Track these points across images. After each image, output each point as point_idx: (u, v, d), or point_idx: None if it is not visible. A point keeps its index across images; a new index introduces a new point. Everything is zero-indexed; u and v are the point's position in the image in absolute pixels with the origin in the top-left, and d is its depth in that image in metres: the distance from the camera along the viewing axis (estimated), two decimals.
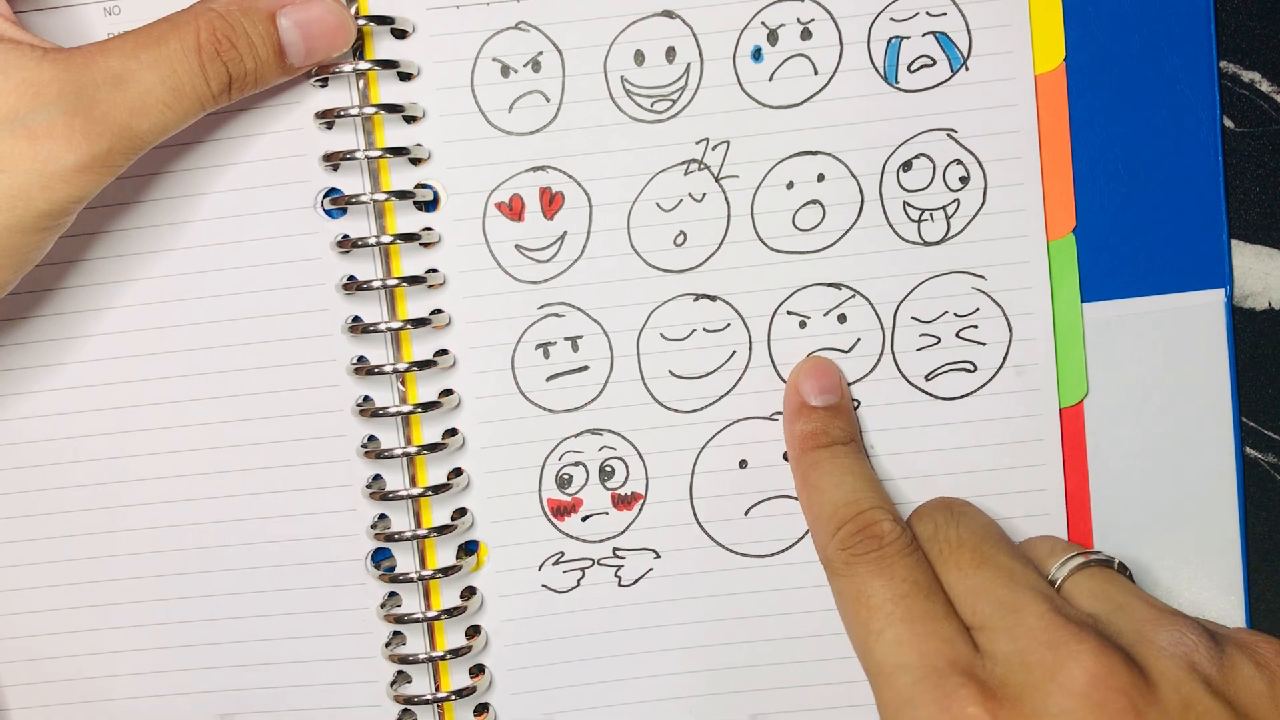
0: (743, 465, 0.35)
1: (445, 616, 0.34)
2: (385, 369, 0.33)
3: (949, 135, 0.33)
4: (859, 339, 0.34)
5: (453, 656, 0.34)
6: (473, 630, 0.35)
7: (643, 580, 0.35)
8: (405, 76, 0.33)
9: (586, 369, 0.34)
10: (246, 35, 0.30)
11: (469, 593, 0.35)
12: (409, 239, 0.33)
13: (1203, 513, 0.35)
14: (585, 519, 0.35)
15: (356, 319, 0.34)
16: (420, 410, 0.33)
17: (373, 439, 0.34)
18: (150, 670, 0.35)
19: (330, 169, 0.33)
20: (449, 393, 0.34)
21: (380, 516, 0.35)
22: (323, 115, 0.33)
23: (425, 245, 0.33)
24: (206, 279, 0.34)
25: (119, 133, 0.29)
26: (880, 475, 0.34)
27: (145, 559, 0.35)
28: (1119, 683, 0.27)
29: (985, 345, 0.34)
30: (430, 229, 0.33)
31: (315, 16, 0.31)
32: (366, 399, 0.34)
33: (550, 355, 0.34)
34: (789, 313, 0.34)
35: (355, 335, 0.33)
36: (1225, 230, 0.34)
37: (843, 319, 0.34)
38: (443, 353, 0.34)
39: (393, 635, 0.35)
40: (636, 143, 0.33)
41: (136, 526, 0.35)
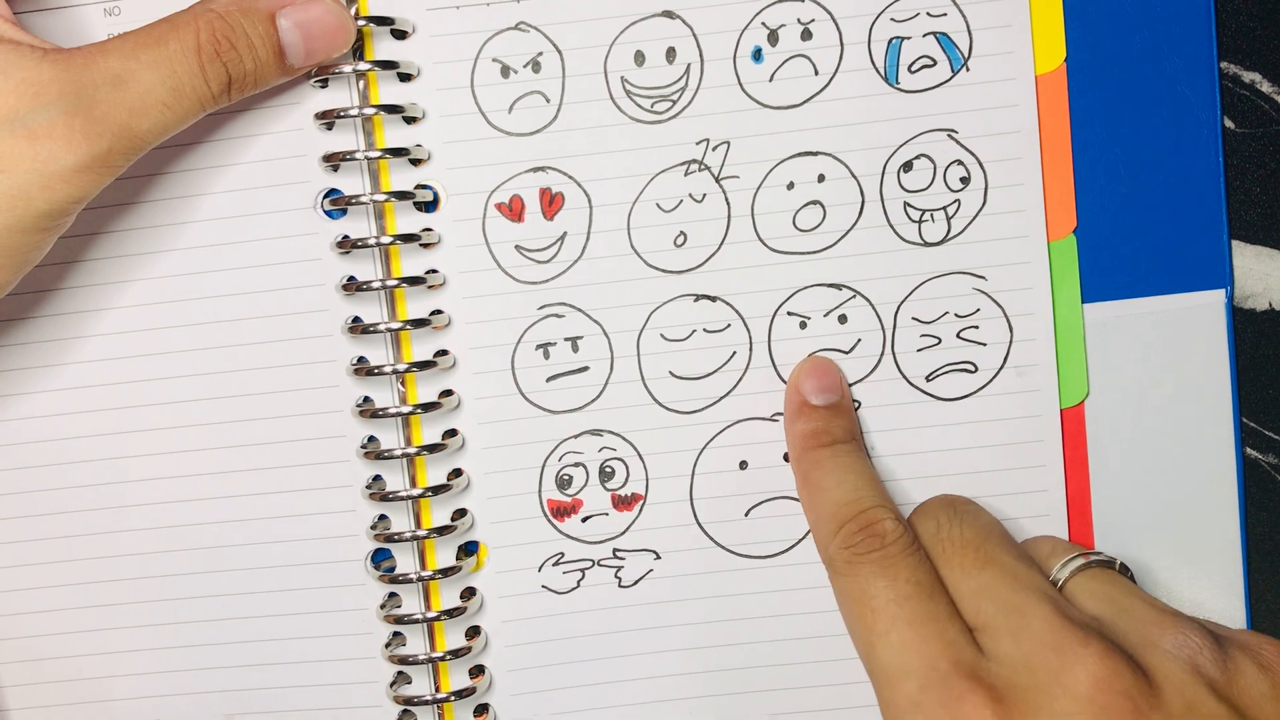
0: (743, 466, 0.35)
1: (445, 617, 0.34)
2: (385, 369, 0.33)
3: (950, 136, 0.33)
4: (859, 340, 0.34)
5: (452, 657, 0.34)
6: (472, 631, 0.35)
7: (643, 581, 0.35)
8: (405, 77, 0.33)
9: (586, 370, 0.34)
10: (246, 36, 0.30)
11: (469, 593, 0.35)
12: (409, 239, 0.33)
13: (1203, 513, 0.35)
14: (585, 520, 0.35)
15: (356, 319, 0.34)
16: (420, 411, 0.33)
17: (373, 439, 0.34)
18: (150, 670, 0.35)
19: (330, 169, 0.33)
20: (449, 393, 0.34)
21: (380, 517, 0.35)
22: (323, 116, 0.33)
23: (425, 246, 0.33)
24: (206, 279, 0.34)
25: (119, 133, 0.29)
26: (881, 476, 0.34)
27: (145, 559, 0.35)
28: (1123, 686, 0.27)
29: (986, 346, 0.34)
30: (430, 229, 0.33)
31: (315, 17, 0.31)
32: (366, 399, 0.34)
33: (550, 356, 0.34)
34: (789, 313, 0.34)
35: (355, 336, 0.33)
36: (1225, 231, 0.34)
37: (843, 320, 0.34)
38: (443, 353, 0.34)
39: (393, 636, 0.35)
40: (636, 143, 0.33)
41: (137, 527, 0.35)
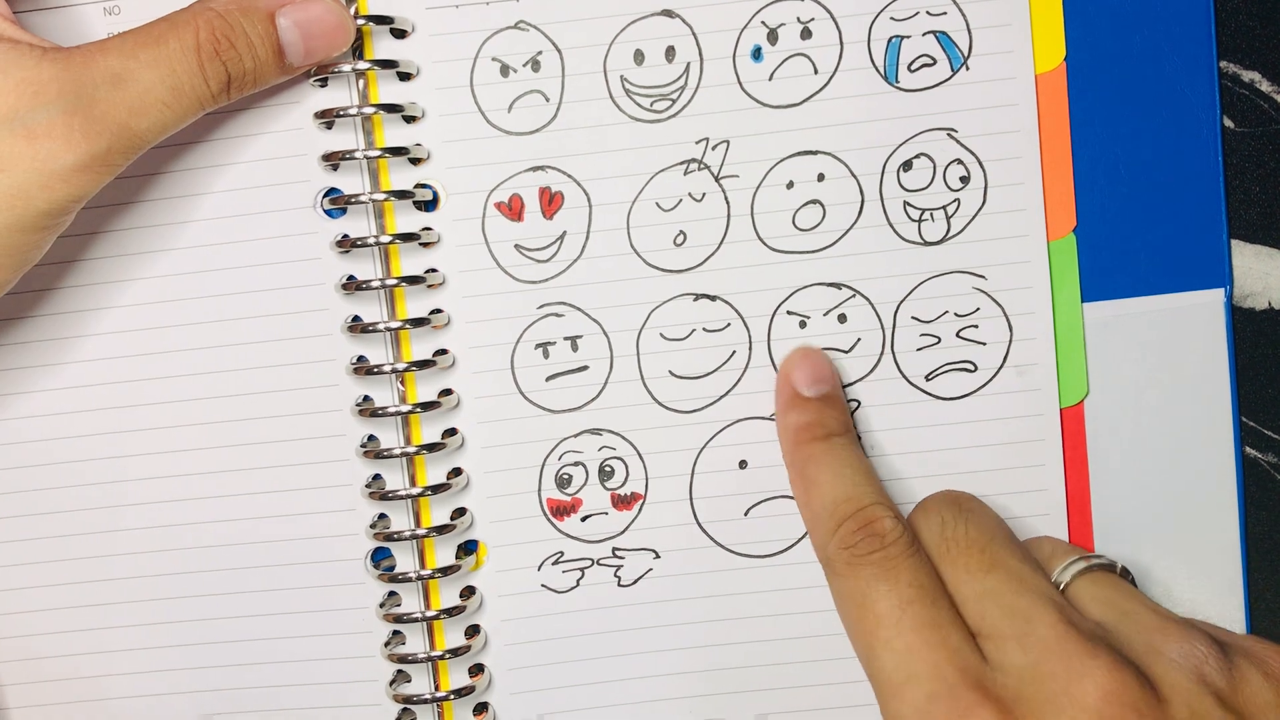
0: (742, 465, 0.35)
1: (444, 616, 0.34)
2: (385, 369, 0.33)
3: (949, 135, 0.33)
4: (859, 339, 0.34)
5: (452, 656, 0.34)
6: (472, 630, 0.35)
7: (642, 580, 0.35)
8: (405, 76, 0.33)
9: (586, 369, 0.34)
10: (245, 35, 0.30)
11: (468, 592, 0.35)
12: (408, 239, 0.33)
13: (1203, 512, 0.35)
14: (585, 519, 0.35)
15: (356, 319, 0.34)
16: (420, 410, 0.33)
17: (372, 439, 0.34)
18: (149, 670, 0.35)
19: (330, 169, 0.33)
20: (448, 392, 0.34)
21: (380, 516, 0.35)
22: (322, 115, 0.33)
23: (425, 245, 0.33)
24: (206, 279, 0.34)
25: (118, 132, 0.29)
26: (881, 475, 0.34)
27: (144, 558, 0.35)
28: (1131, 699, 0.27)
29: (986, 345, 0.34)
30: (430, 229, 0.33)
31: (314, 16, 0.31)
32: (366, 399, 0.34)
33: (550, 355, 0.34)
34: (789, 312, 0.34)
35: (355, 335, 0.33)
36: (1225, 230, 0.34)
37: (843, 319, 0.34)
38: (442, 352, 0.34)
39: (392, 635, 0.35)
40: (636, 142, 0.33)
41: (136, 526, 0.35)
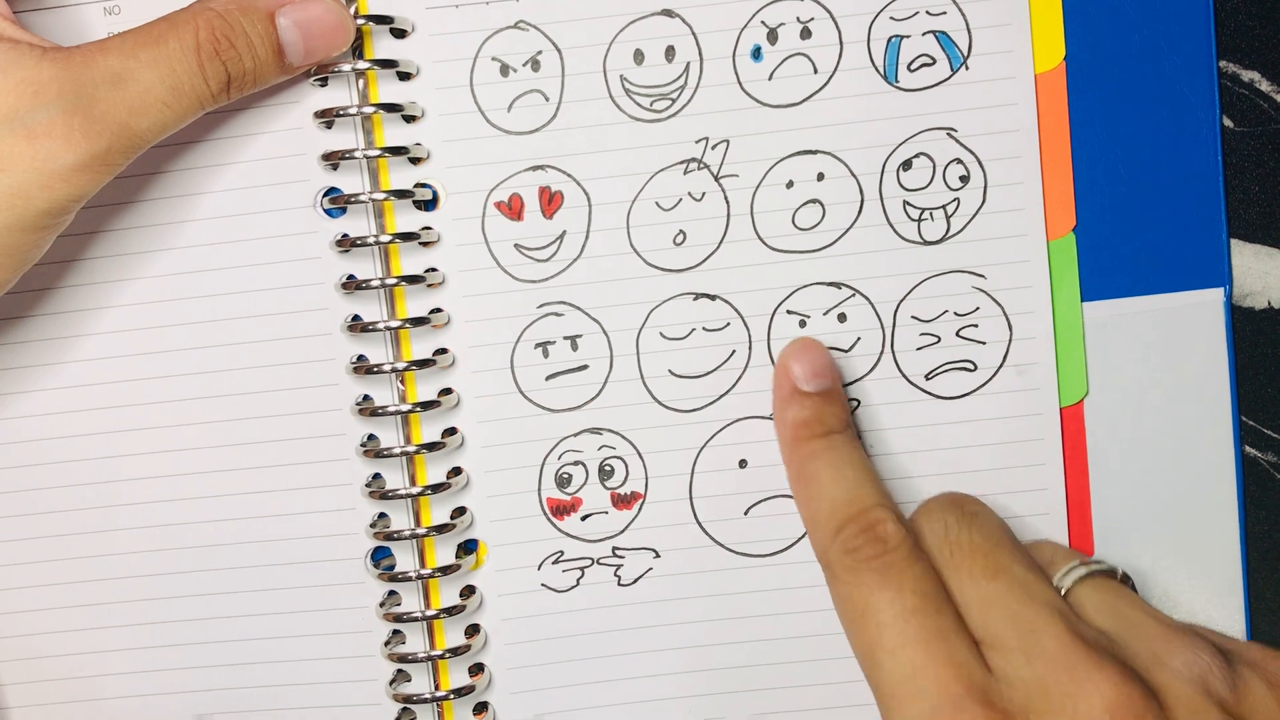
0: (742, 465, 0.35)
1: (444, 615, 0.34)
2: (384, 368, 0.33)
3: (949, 134, 0.33)
4: (859, 338, 0.34)
5: (452, 655, 0.34)
6: (472, 629, 0.35)
7: (642, 580, 0.35)
8: (404, 76, 0.33)
9: (586, 368, 0.34)
10: (245, 35, 0.30)
11: (468, 591, 0.35)
12: (408, 238, 0.33)
13: (1202, 512, 0.35)
14: (585, 518, 0.35)
15: (356, 318, 0.34)
16: (419, 409, 0.33)
17: (372, 438, 0.34)
18: (148, 669, 0.35)
19: (329, 168, 0.33)
20: (448, 392, 0.34)
21: (379, 515, 0.35)
22: (322, 114, 0.33)
23: (424, 244, 0.33)
24: (205, 278, 0.34)
25: (118, 132, 0.29)
26: (881, 475, 0.33)
27: (144, 558, 0.35)
28: (1137, 711, 0.26)
29: (985, 344, 0.34)
30: (429, 228, 0.33)
31: (314, 16, 0.31)
32: (366, 398, 0.34)
33: (549, 354, 0.34)
34: (789, 312, 0.34)
35: (354, 334, 0.33)
36: (1225, 229, 0.34)
37: (842, 318, 0.34)
38: (442, 352, 0.34)
39: (392, 634, 0.35)
40: (636, 142, 0.33)
41: (135, 525, 0.35)
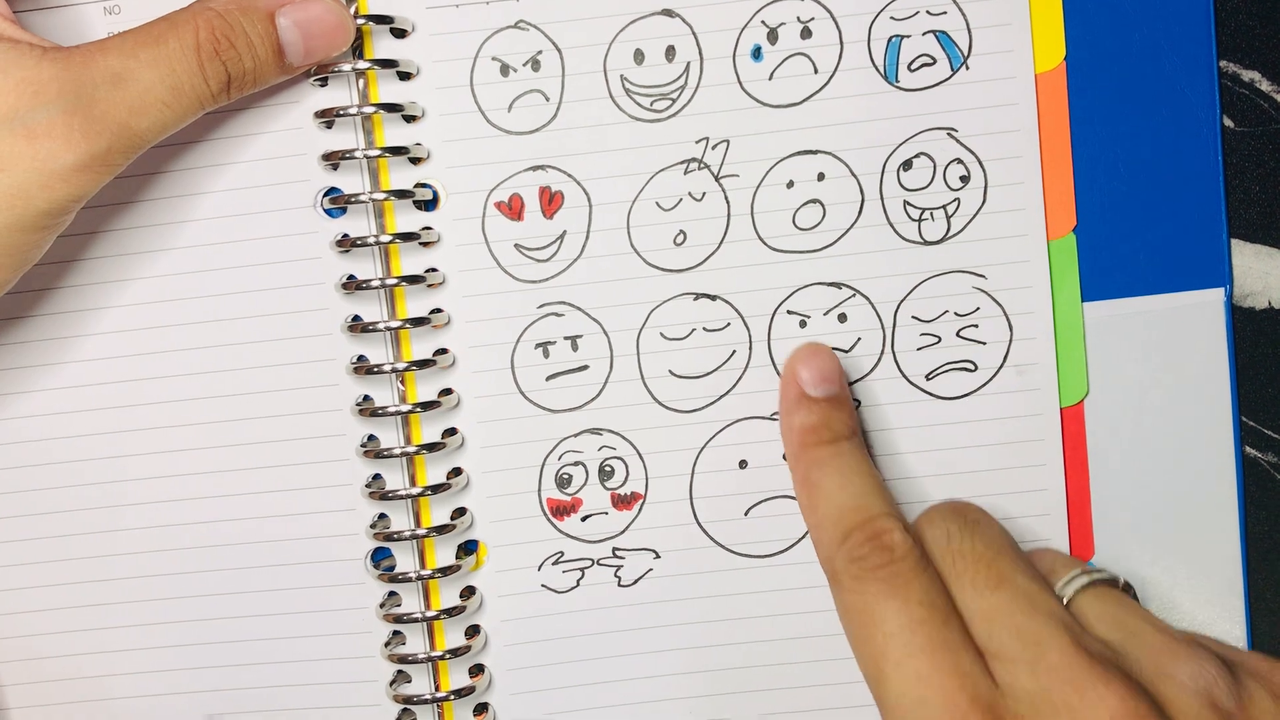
0: (743, 465, 0.35)
1: (445, 616, 0.34)
2: (385, 368, 0.33)
3: (949, 134, 0.33)
4: (859, 338, 0.34)
5: (452, 656, 0.34)
6: (472, 630, 0.35)
7: (642, 580, 0.35)
8: (405, 76, 0.33)
9: (586, 368, 0.34)
10: (245, 35, 0.30)
11: (468, 592, 0.35)
12: (408, 238, 0.33)
13: (1202, 511, 0.35)
14: (585, 519, 0.35)
15: (356, 318, 0.34)
16: (420, 409, 0.33)
17: (372, 438, 0.34)
18: (149, 669, 0.35)
19: (330, 168, 0.33)
20: (448, 392, 0.34)
21: (380, 516, 0.34)
22: (322, 114, 0.33)
23: (425, 245, 0.33)
24: (206, 278, 0.34)
25: (118, 132, 0.29)
26: (881, 475, 0.34)
27: (144, 558, 0.35)
28: None
29: (986, 345, 0.34)
30: (430, 228, 0.33)
31: (314, 16, 0.31)
32: (366, 398, 0.34)
33: (550, 355, 0.34)
34: (789, 312, 0.34)
35: (355, 334, 0.33)
36: (1225, 229, 0.34)
37: (843, 318, 0.34)
38: (442, 352, 0.34)
39: (392, 635, 0.35)
40: (636, 142, 0.33)
41: (135, 526, 0.35)
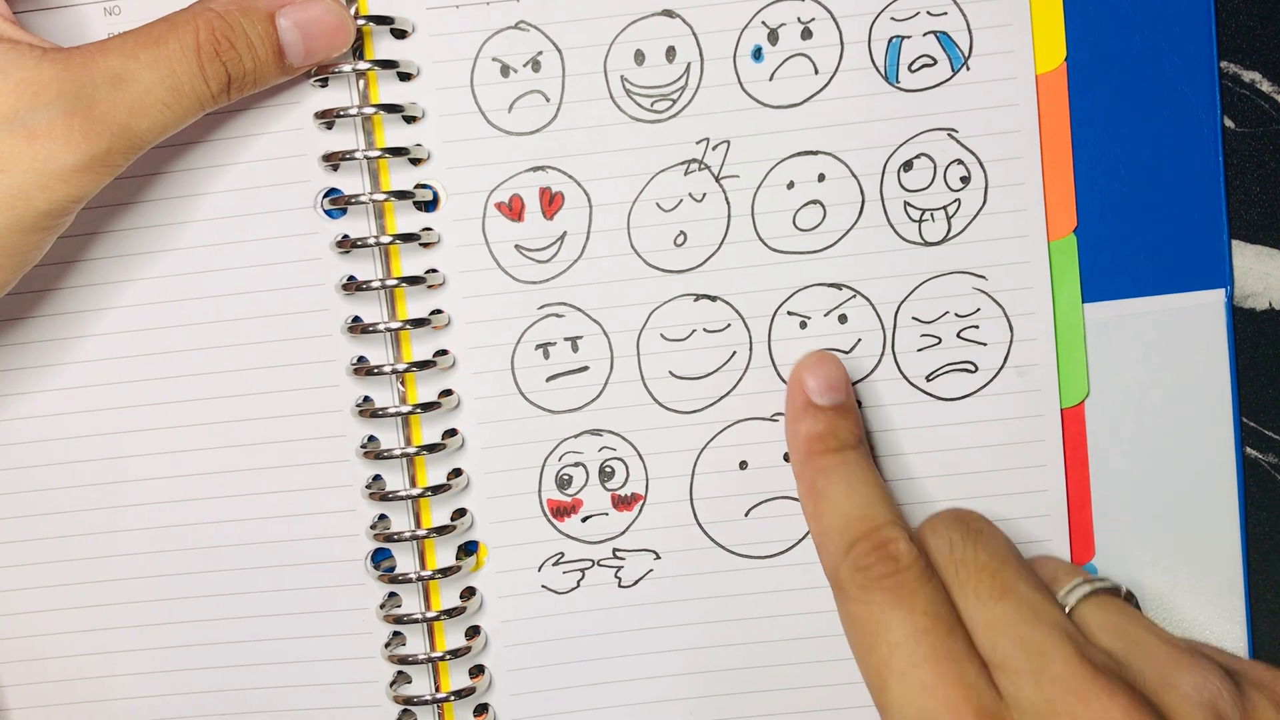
0: (743, 466, 0.35)
1: (445, 617, 0.34)
2: (385, 369, 0.33)
3: (950, 135, 0.33)
4: (860, 339, 0.34)
5: (452, 657, 0.34)
6: (472, 631, 0.35)
7: (643, 581, 0.35)
8: (405, 76, 0.33)
9: (586, 369, 0.34)
10: (245, 35, 0.30)
11: (469, 593, 0.35)
12: (409, 239, 0.33)
13: (1203, 512, 0.35)
14: (585, 520, 0.35)
15: (356, 319, 0.34)
16: (420, 410, 0.33)
17: (372, 439, 0.34)
18: (150, 670, 0.35)
19: (330, 169, 0.33)
20: (449, 393, 0.34)
21: (380, 517, 0.34)
22: (322, 115, 0.33)
23: (425, 245, 0.33)
24: (206, 279, 0.34)
25: (118, 132, 0.29)
26: (882, 476, 0.34)
27: (145, 559, 0.35)
28: None
29: (986, 346, 0.34)
30: (430, 229, 0.33)
31: (314, 17, 0.31)
32: (366, 399, 0.34)
33: (550, 355, 0.34)
34: (789, 313, 0.34)
35: (355, 335, 0.33)
36: (1225, 230, 0.34)
37: (843, 319, 0.34)
38: (442, 353, 0.34)
39: (392, 636, 0.35)
40: (636, 142, 0.33)
41: (136, 526, 0.35)
